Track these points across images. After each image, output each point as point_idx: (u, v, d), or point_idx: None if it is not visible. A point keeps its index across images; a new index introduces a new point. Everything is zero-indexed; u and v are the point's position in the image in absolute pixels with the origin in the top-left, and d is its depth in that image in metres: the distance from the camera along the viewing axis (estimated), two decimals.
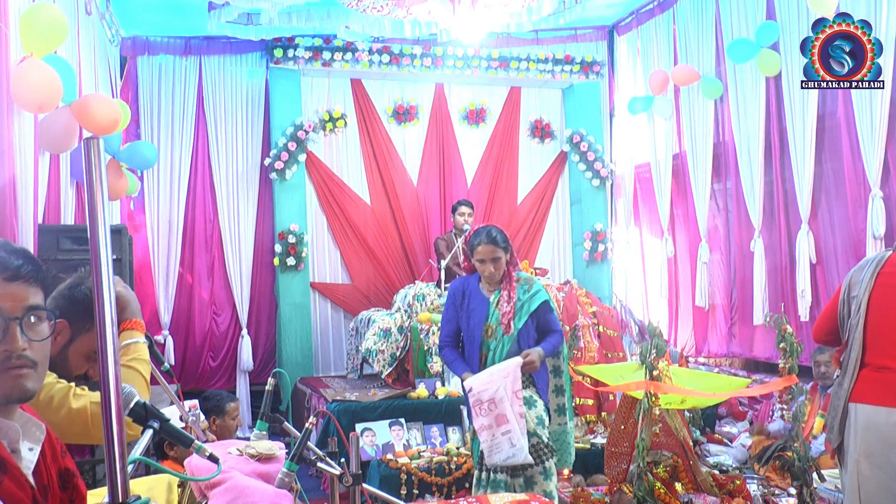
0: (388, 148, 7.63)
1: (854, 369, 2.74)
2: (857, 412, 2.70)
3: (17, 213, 3.67)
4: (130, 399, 1.77)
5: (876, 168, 4.95)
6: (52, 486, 1.31)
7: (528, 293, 3.62)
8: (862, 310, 2.77)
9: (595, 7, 7.06)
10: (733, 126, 6.29)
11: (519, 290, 3.63)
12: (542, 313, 3.63)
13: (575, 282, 6.50)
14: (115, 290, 1.14)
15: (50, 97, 3.68)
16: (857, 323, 2.78)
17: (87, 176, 1.15)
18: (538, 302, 3.61)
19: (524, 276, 3.73)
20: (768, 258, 6.01)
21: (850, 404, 2.73)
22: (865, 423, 2.67)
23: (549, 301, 3.68)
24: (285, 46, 7.09)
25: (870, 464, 2.63)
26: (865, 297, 2.78)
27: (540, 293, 3.63)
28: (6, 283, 1.23)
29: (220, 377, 7.23)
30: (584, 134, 7.89)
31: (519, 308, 3.59)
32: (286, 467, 2.11)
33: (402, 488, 4.69)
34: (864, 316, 2.76)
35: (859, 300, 2.80)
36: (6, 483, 1.18)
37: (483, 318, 3.62)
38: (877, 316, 2.75)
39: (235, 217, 7.22)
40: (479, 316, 3.63)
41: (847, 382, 2.75)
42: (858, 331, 2.77)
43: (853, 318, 2.81)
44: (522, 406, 3.42)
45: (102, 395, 1.14)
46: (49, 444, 1.33)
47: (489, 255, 3.58)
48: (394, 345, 5.90)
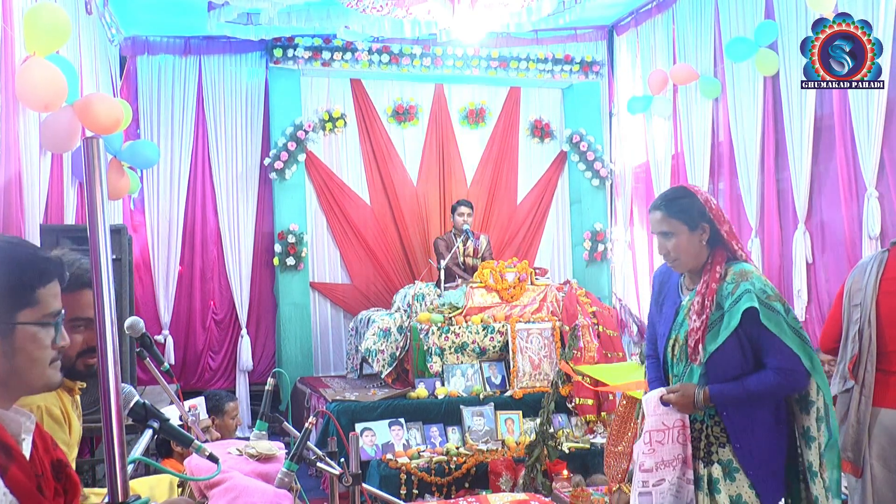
0: (388, 148, 7.63)
1: (871, 381, 2.72)
2: (875, 416, 2.70)
3: (23, 212, 3.68)
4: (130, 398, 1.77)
5: (872, 167, 4.95)
6: (46, 475, 1.34)
7: (732, 297, 2.34)
8: (873, 322, 2.74)
9: (594, 7, 7.06)
10: (731, 126, 6.29)
11: (722, 292, 2.37)
12: (750, 327, 2.32)
13: (575, 282, 6.51)
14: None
15: (55, 96, 3.69)
16: (868, 336, 2.74)
17: (88, 176, 1.15)
18: (742, 309, 2.30)
19: (741, 267, 2.40)
20: (765, 258, 6.01)
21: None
22: (879, 427, 2.66)
23: (769, 308, 2.31)
24: (285, 46, 7.09)
25: (883, 466, 2.63)
26: (873, 306, 2.75)
27: (746, 296, 2.31)
28: (64, 293, 1.39)
29: (220, 377, 7.22)
30: (584, 134, 7.90)
31: (714, 322, 2.36)
32: (286, 467, 2.11)
33: (402, 488, 4.69)
34: (877, 326, 2.73)
35: (866, 309, 2.76)
36: (13, 470, 1.21)
37: (668, 328, 2.52)
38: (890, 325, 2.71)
39: (235, 217, 7.22)
40: (667, 325, 2.53)
41: (867, 391, 2.72)
42: (872, 343, 2.73)
43: (863, 328, 2.78)
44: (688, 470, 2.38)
45: (102, 395, 1.15)
46: (39, 436, 1.37)
47: (657, 227, 2.48)
48: (393, 345, 5.90)
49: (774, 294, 2.33)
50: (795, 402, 2.38)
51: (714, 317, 2.35)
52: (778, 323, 2.29)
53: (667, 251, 2.44)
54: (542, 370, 5.71)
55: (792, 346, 2.27)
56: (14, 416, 1.30)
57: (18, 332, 1.28)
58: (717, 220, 2.42)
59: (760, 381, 2.29)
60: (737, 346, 2.32)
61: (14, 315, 1.28)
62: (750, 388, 2.30)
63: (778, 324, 2.29)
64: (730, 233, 2.44)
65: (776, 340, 2.28)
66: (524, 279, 6.07)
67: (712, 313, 2.35)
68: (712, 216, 2.42)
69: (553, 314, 5.97)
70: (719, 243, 2.43)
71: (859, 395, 2.73)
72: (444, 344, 5.72)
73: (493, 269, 6.03)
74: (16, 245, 1.35)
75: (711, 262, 2.41)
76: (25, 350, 1.29)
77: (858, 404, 2.73)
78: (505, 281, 6.01)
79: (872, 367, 2.71)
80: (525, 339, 5.77)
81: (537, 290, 6.09)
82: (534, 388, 5.59)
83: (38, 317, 1.31)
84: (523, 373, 5.69)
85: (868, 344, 2.73)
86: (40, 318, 1.31)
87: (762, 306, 2.29)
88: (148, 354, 2.35)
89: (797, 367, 2.28)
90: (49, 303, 1.33)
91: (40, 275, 1.32)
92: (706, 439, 2.38)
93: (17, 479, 1.21)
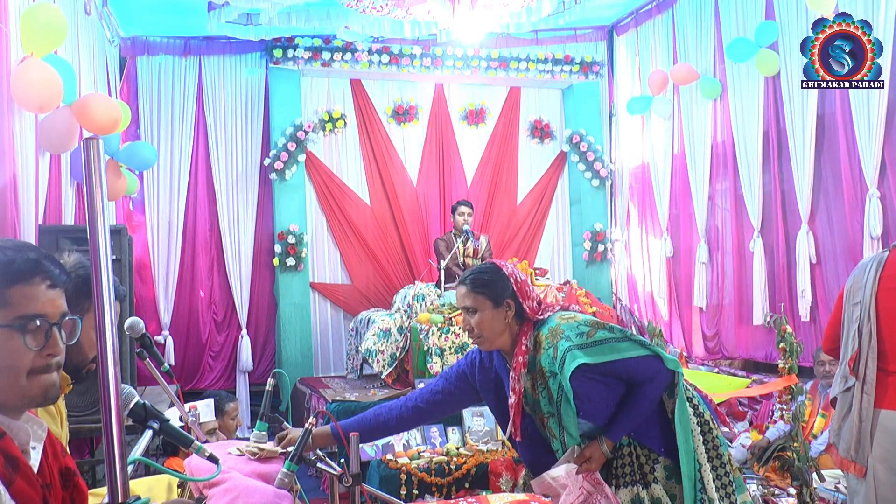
0: (388, 148, 7.63)
1: (873, 378, 2.71)
2: (876, 417, 2.68)
3: (18, 213, 3.68)
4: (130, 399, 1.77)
5: (873, 168, 4.96)
6: (55, 485, 1.32)
7: (556, 360, 2.25)
8: (872, 317, 2.73)
9: (594, 7, 7.06)
10: (732, 126, 6.29)
11: (544, 360, 2.30)
12: (593, 371, 2.24)
13: (575, 282, 6.51)
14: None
15: (51, 97, 3.68)
16: (868, 332, 2.73)
17: (87, 176, 1.15)
18: (570, 371, 2.20)
19: (549, 327, 2.33)
20: (767, 258, 6.01)
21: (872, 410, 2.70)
22: (881, 429, 2.65)
23: (595, 344, 2.25)
24: (285, 47, 7.09)
25: (886, 468, 2.62)
26: (872, 303, 2.74)
27: (568, 356, 2.22)
28: (48, 291, 1.27)
29: (220, 377, 7.22)
30: (584, 134, 7.89)
31: (556, 392, 2.26)
32: (286, 467, 2.11)
33: (402, 488, 4.69)
34: (876, 323, 2.72)
35: (865, 306, 2.75)
36: (18, 482, 1.19)
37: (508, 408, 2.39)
38: (889, 323, 2.71)
39: (235, 217, 7.22)
40: (502, 405, 2.44)
41: (868, 388, 2.71)
42: (872, 339, 2.73)
43: (862, 325, 2.77)
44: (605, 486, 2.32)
45: (102, 395, 1.14)
46: (50, 443, 1.35)
47: (461, 302, 2.42)
48: (393, 345, 5.90)
49: (591, 326, 2.29)
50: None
51: (554, 386, 2.25)
52: (613, 349, 2.24)
53: (471, 327, 2.37)
54: None
55: (637, 354, 2.26)
56: (23, 425, 1.26)
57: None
58: (521, 296, 2.36)
59: (640, 399, 2.28)
60: (595, 389, 2.26)
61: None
62: (638, 411, 2.29)
63: (613, 349, 2.24)
64: (533, 308, 2.38)
65: (623, 362, 2.24)
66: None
67: (549, 382, 2.26)
68: (517, 292, 2.36)
69: None
70: (525, 318, 2.37)
71: (861, 392, 2.72)
72: (444, 344, 5.72)
73: None
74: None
75: (519, 335, 2.36)
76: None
77: (861, 402, 2.71)
78: None
79: (874, 364, 2.69)
80: None
81: (537, 290, 6.09)
82: None
83: (6, 319, 1.19)
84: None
85: (868, 340, 2.72)
86: (9, 321, 1.20)
87: (587, 351, 2.22)
88: (148, 355, 2.34)
89: (655, 367, 2.28)
90: (22, 305, 1.21)
91: (6, 273, 1.21)
92: (637, 461, 2.34)
93: (22, 492, 1.19)
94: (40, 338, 1.23)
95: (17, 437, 1.24)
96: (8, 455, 1.19)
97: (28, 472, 1.22)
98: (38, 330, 1.23)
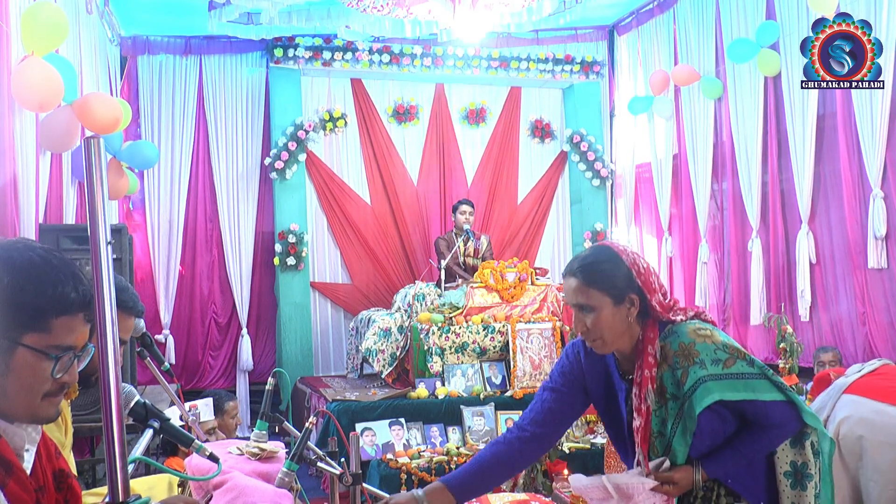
0: (389, 148, 7.63)
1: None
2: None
3: (18, 212, 3.67)
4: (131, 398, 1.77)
5: (877, 168, 4.96)
6: (48, 487, 1.32)
7: (684, 387, 1.88)
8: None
9: (595, 7, 7.06)
10: (733, 126, 6.29)
11: (668, 380, 1.92)
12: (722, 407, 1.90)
13: None
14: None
15: (51, 96, 3.68)
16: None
17: (88, 175, 1.15)
18: (702, 408, 1.86)
19: (679, 342, 1.91)
20: (766, 258, 6.01)
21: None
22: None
23: (732, 377, 1.88)
24: (285, 46, 7.08)
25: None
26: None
27: (701, 388, 1.86)
28: (85, 325, 1.27)
29: (220, 377, 7.22)
30: (585, 134, 7.89)
31: (674, 416, 1.91)
32: (286, 467, 2.11)
33: (402, 488, 4.68)
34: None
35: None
36: (11, 485, 1.19)
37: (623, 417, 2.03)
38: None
39: (235, 217, 7.22)
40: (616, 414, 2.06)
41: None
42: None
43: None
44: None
45: (102, 394, 1.14)
46: (44, 445, 1.35)
47: (572, 298, 1.95)
48: (394, 344, 5.90)
49: (730, 354, 1.88)
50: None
51: (673, 409, 1.90)
52: (748, 386, 1.87)
53: (585, 328, 1.91)
54: (542, 370, 5.71)
55: (773, 399, 1.89)
56: (17, 429, 1.26)
57: (19, 352, 1.20)
58: (646, 290, 1.91)
59: (756, 444, 1.94)
60: (713, 422, 1.92)
61: (20, 334, 1.19)
62: (747, 454, 1.94)
63: (748, 386, 1.87)
64: (662, 304, 1.94)
65: (757, 404, 1.89)
66: (524, 279, 6.07)
67: (668, 403, 1.91)
68: (641, 284, 1.91)
69: (553, 314, 5.97)
70: (651, 315, 1.93)
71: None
72: (444, 344, 5.72)
73: (494, 269, 6.03)
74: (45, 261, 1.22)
75: (643, 340, 1.92)
76: (18, 373, 1.20)
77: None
78: (505, 281, 6.00)
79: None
80: (525, 339, 5.77)
81: (538, 290, 6.09)
82: (534, 388, 5.58)
83: (43, 345, 1.21)
84: (524, 373, 5.69)
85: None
86: (45, 347, 1.22)
87: (722, 384, 1.86)
88: (148, 354, 2.34)
89: (788, 416, 1.92)
90: (61, 336, 1.22)
91: (58, 304, 1.21)
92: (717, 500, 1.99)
93: (15, 495, 1.19)
94: (65, 367, 1.25)
95: (12, 440, 1.24)
96: (1, 458, 1.19)
97: (21, 475, 1.22)
98: (68, 361, 1.25)
